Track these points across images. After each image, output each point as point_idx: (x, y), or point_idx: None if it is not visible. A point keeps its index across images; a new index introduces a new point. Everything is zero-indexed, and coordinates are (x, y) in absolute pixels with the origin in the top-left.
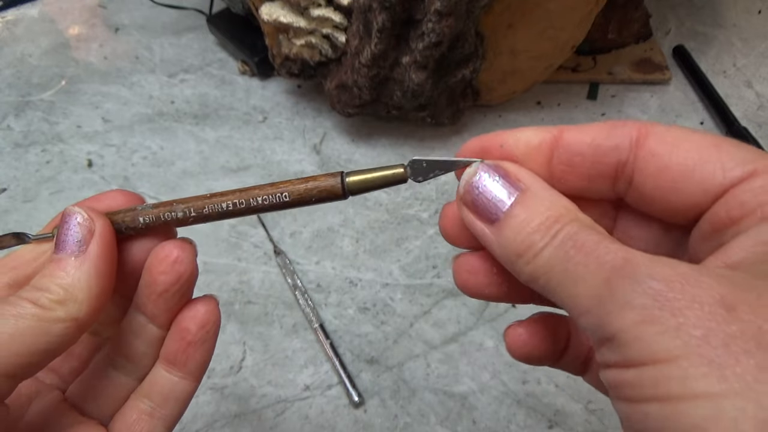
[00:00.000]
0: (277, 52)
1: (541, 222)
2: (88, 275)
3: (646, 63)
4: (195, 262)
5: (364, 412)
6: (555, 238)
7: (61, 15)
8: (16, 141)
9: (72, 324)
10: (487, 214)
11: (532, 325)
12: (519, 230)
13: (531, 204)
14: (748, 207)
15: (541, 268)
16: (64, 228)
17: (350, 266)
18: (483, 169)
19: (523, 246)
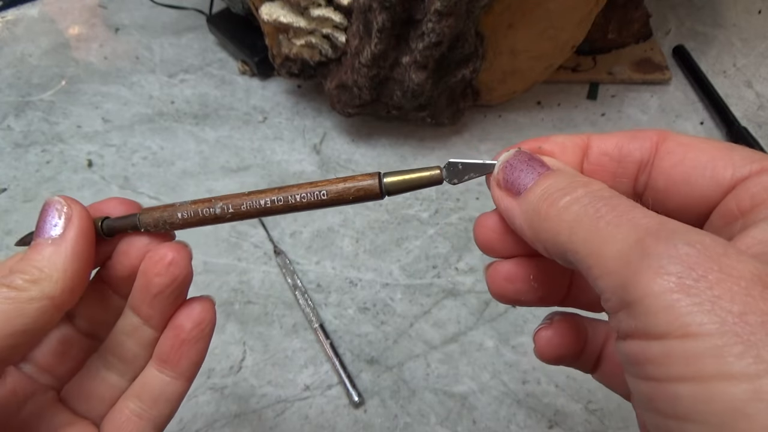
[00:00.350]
0: (277, 52)
1: (566, 184)
2: (64, 256)
3: (646, 63)
4: (190, 265)
5: (364, 412)
6: (583, 196)
7: (61, 15)
8: (16, 141)
9: (48, 302)
10: (515, 188)
11: (557, 327)
12: (543, 191)
13: (556, 176)
14: (758, 198)
15: (566, 225)
16: (42, 215)
17: (350, 266)
18: (519, 153)
19: (546, 204)
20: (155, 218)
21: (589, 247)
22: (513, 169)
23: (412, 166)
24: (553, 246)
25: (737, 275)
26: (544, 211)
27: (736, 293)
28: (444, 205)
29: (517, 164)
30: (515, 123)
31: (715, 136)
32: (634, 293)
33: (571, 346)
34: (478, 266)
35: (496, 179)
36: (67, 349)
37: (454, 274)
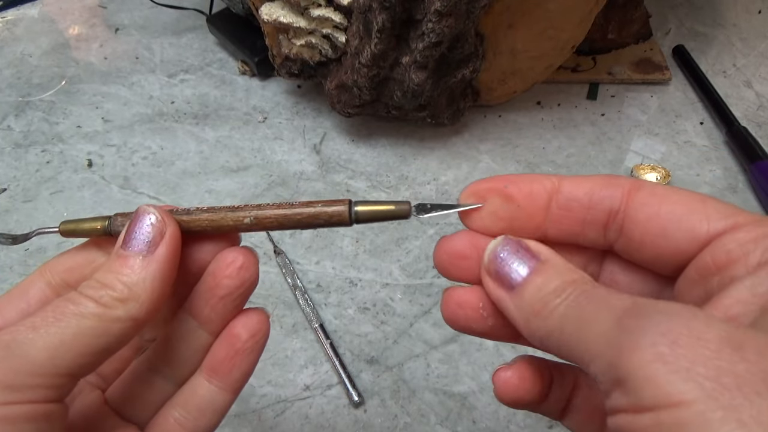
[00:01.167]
0: (277, 52)
1: (558, 286)
2: (153, 276)
3: (646, 63)
4: (258, 271)
5: (364, 412)
6: (569, 297)
7: (61, 15)
8: (16, 141)
9: (131, 324)
10: (507, 282)
11: (519, 368)
12: (536, 292)
13: (548, 272)
14: (734, 255)
15: (556, 322)
16: (135, 226)
17: (350, 266)
18: (506, 242)
19: (539, 305)
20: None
21: (577, 338)
22: (503, 262)
23: (412, 166)
24: (549, 342)
25: (709, 340)
26: (537, 311)
27: (707, 358)
28: None
29: (507, 256)
30: (515, 123)
31: (714, 136)
32: (620, 371)
33: (531, 390)
34: None
35: (486, 270)
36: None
37: None
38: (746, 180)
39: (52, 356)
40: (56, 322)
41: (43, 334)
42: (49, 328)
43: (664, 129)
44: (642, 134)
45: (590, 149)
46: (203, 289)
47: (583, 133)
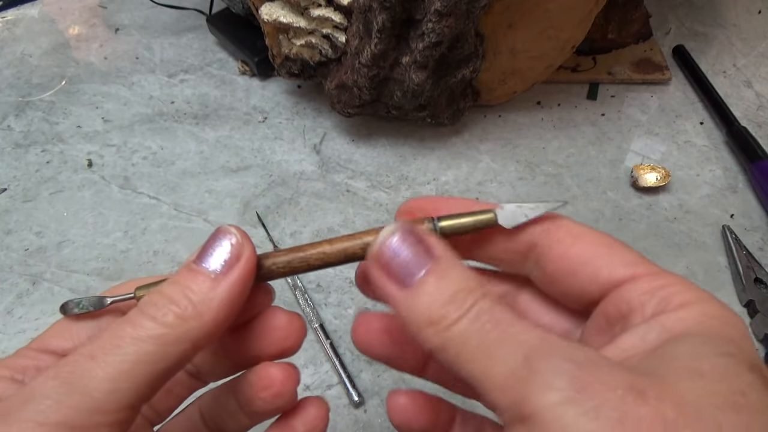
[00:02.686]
0: (277, 52)
1: (455, 292)
2: (221, 297)
3: (646, 63)
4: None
5: (364, 412)
6: (469, 311)
7: (61, 15)
8: (16, 141)
9: (189, 347)
10: (399, 277)
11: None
12: (432, 299)
13: (443, 274)
14: (632, 305)
15: (454, 339)
16: (215, 243)
17: (350, 266)
18: (403, 232)
19: (436, 315)
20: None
21: (478, 366)
22: (397, 253)
23: (412, 166)
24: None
25: (614, 385)
26: (435, 321)
27: (614, 402)
28: None
29: (402, 248)
30: (515, 123)
31: (714, 136)
32: (527, 408)
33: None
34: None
35: (375, 259)
36: (173, 386)
37: None
38: (746, 180)
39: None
40: (115, 349)
41: (102, 364)
42: (107, 357)
43: (664, 129)
44: (642, 134)
45: (590, 149)
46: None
47: (583, 133)
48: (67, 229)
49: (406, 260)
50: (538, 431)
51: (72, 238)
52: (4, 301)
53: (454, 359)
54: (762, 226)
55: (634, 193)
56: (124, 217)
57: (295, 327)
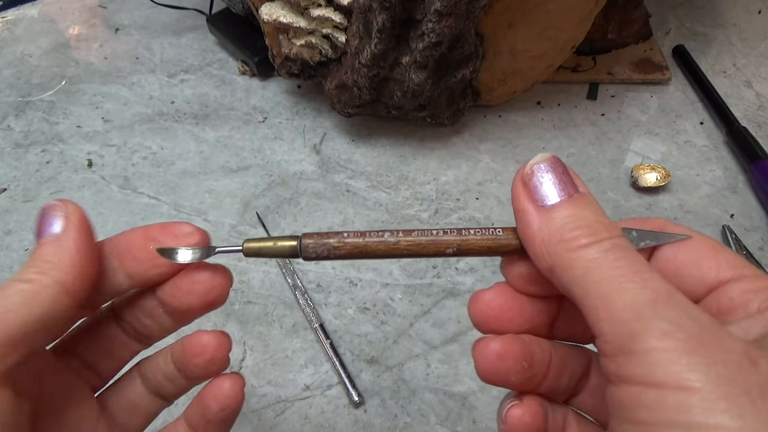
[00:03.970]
0: (277, 52)
1: (591, 222)
2: (69, 247)
3: (646, 63)
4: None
5: (364, 412)
6: (602, 242)
7: (61, 15)
8: (16, 141)
9: (60, 289)
10: (541, 197)
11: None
12: (567, 221)
13: (583, 205)
14: (736, 302)
15: (584, 260)
16: (42, 219)
17: (350, 266)
18: (553, 162)
19: (568, 235)
20: (319, 244)
21: (602, 292)
22: (545, 175)
23: (412, 166)
24: (561, 273)
25: (730, 349)
26: (565, 240)
27: (728, 362)
28: (444, 205)
29: (552, 172)
30: (515, 123)
31: (714, 136)
32: (641, 344)
33: (541, 425)
34: (478, 266)
35: (523, 178)
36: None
37: (454, 274)
38: (746, 180)
39: None
40: None
41: None
42: None
43: (664, 129)
44: (642, 134)
45: (590, 149)
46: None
47: (583, 133)
48: None
49: (549, 185)
50: (643, 368)
51: None
52: None
53: (578, 279)
54: (762, 226)
55: (634, 193)
56: (124, 217)
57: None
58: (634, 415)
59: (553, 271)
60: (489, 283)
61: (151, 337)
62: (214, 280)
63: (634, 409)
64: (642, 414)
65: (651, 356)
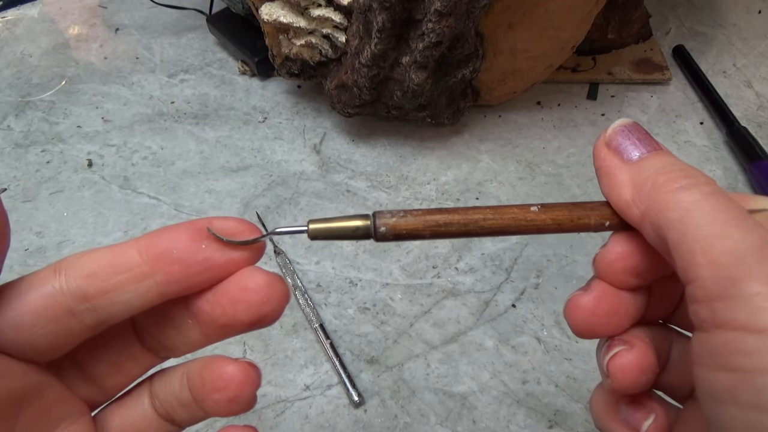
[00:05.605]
0: (277, 52)
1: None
2: None
3: (646, 63)
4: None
5: (364, 412)
6: (701, 185)
7: (61, 15)
8: (16, 141)
9: None
10: (627, 153)
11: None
12: (664, 165)
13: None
14: None
15: (683, 202)
16: None
17: (350, 266)
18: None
19: (663, 178)
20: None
21: (702, 234)
22: (628, 135)
23: (412, 166)
24: (656, 217)
25: None
26: (660, 183)
27: None
28: (444, 205)
29: (634, 133)
30: (515, 123)
31: (714, 136)
32: (744, 288)
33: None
34: (478, 266)
35: (607, 139)
36: (124, 360)
37: (454, 274)
38: (746, 180)
39: None
40: None
41: None
42: None
43: (664, 129)
44: None
45: (590, 149)
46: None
47: (583, 133)
48: (67, 229)
49: (634, 143)
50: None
51: (72, 238)
52: None
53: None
54: None
55: None
56: (124, 217)
57: (276, 289)
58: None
59: (646, 218)
60: (489, 284)
61: (173, 350)
62: (271, 289)
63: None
64: (739, 360)
65: (755, 300)
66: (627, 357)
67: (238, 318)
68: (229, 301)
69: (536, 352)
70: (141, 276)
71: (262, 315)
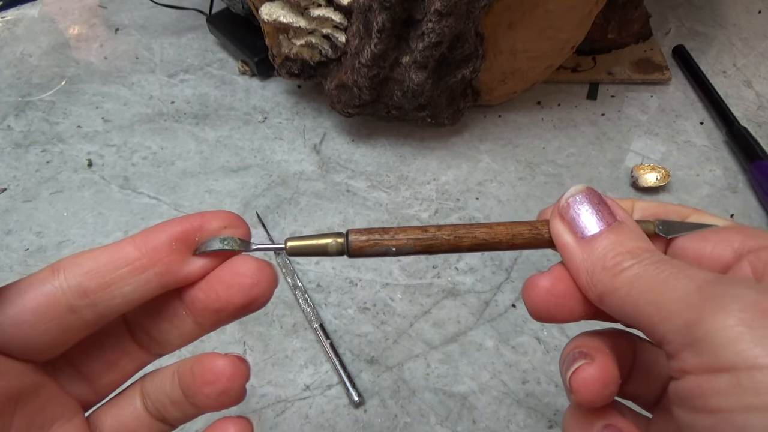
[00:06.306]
0: (277, 52)
1: (632, 248)
2: None
3: (646, 63)
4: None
5: (364, 412)
6: (643, 260)
7: (61, 15)
8: (16, 141)
9: None
10: (580, 229)
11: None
12: (609, 249)
13: (624, 233)
14: (760, 271)
15: (626, 279)
16: None
17: (350, 266)
18: (589, 193)
19: (611, 262)
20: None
21: (649, 297)
22: (580, 210)
23: (412, 166)
24: (610, 298)
25: None
26: (609, 267)
27: None
28: (444, 205)
29: (586, 205)
30: (515, 123)
31: (714, 136)
32: (700, 329)
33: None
34: (478, 266)
35: (561, 210)
36: (118, 357)
37: (454, 274)
38: (746, 180)
39: None
40: None
41: None
42: None
43: (664, 129)
44: (642, 134)
45: (590, 149)
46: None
47: (583, 133)
48: (67, 229)
49: (588, 216)
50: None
51: (72, 238)
52: None
53: (624, 298)
54: (762, 226)
55: (634, 194)
56: (124, 217)
57: (265, 273)
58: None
59: (603, 300)
60: (489, 284)
61: (166, 345)
62: (261, 273)
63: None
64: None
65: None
66: (588, 371)
67: (232, 301)
68: (223, 285)
69: (536, 352)
70: (141, 268)
71: (253, 297)
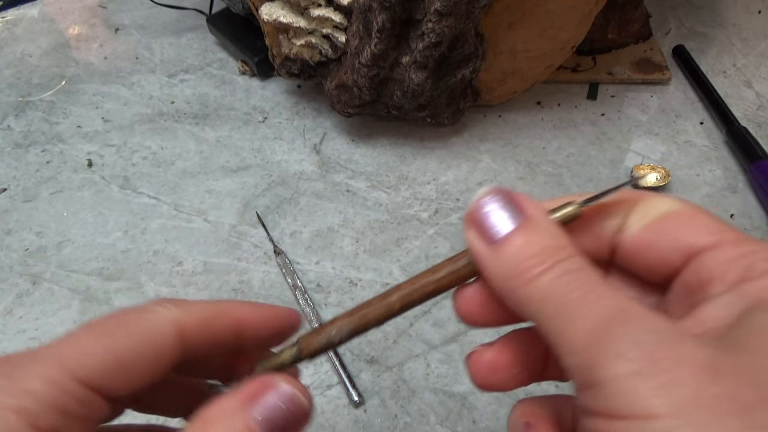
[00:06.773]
0: (277, 52)
1: (541, 249)
2: None
3: (646, 63)
4: None
5: (364, 412)
6: (553, 267)
7: (61, 15)
8: (16, 141)
9: None
10: (489, 235)
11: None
12: (516, 253)
13: (532, 231)
14: (714, 273)
15: (537, 293)
16: None
17: (350, 266)
18: (495, 192)
19: (519, 269)
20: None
21: (557, 324)
22: (488, 213)
23: (412, 166)
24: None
25: (689, 361)
26: (517, 275)
27: (688, 378)
28: (444, 205)
29: (491, 209)
30: (515, 123)
31: (714, 136)
32: (598, 375)
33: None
34: None
35: (469, 220)
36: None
37: None
38: (746, 180)
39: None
40: None
41: None
42: None
43: (664, 129)
44: (642, 134)
45: (590, 149)
46: None
47: (583, 133)
48: (67, 229)
49: (496, 218)
50: (605, 401)
51: (72, 238)
52: (4, 301)
53: (535, 314)
54: (762, 226)
55: None
56: (124, 217)
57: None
58: None
59: (520, 311)
60: None
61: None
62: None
63: None
64: None
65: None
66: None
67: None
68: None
69: None
70: None
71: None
